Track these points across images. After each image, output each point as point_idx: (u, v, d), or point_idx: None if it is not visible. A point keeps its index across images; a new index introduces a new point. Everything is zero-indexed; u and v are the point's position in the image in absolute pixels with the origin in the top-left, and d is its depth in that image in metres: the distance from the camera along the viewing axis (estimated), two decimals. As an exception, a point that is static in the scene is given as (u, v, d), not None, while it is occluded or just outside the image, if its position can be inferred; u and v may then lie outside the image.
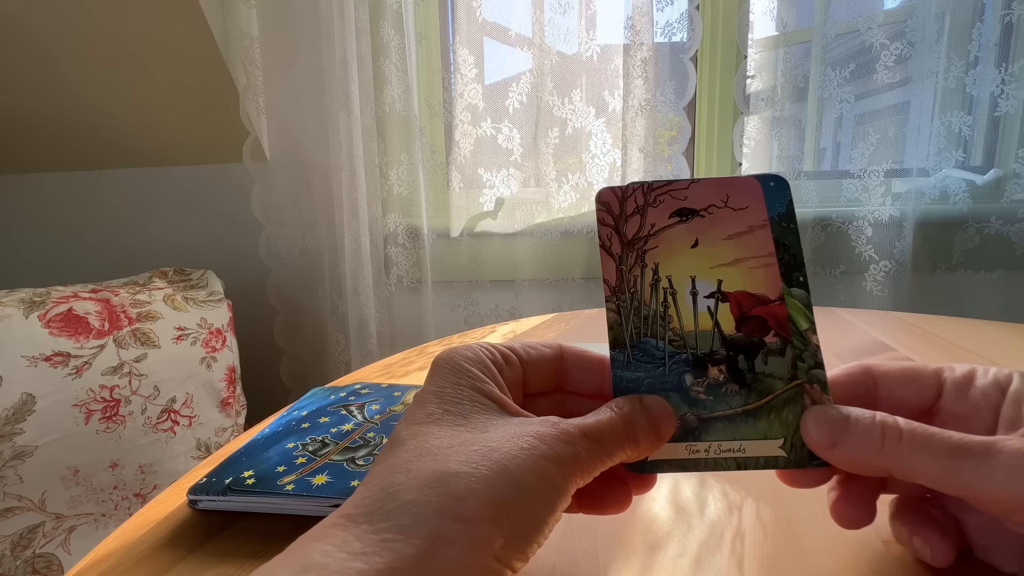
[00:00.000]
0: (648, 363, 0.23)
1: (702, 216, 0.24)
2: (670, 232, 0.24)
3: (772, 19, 0.97)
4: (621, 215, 0.24)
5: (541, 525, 0.19)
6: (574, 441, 0.20)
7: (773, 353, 0.23)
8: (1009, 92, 0.92)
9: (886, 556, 0.25)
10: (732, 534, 0.28)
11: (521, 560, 0.19)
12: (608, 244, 0.24)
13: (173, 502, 0.32)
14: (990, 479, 0.19)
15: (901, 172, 0.98)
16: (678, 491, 0.32)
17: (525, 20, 1.03)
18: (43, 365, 0.76)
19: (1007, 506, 0.19)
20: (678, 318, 0.23)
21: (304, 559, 0.17)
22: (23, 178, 1.34)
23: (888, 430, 0.21)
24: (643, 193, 0.24)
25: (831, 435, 0.21)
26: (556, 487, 0.19)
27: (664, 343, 0.23)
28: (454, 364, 0.23)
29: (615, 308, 0.24)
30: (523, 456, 0.19)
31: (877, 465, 0.21)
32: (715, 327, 0.23)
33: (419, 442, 0.20)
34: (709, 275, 0.23)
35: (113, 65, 1.11)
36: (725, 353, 0.23)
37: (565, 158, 1.05)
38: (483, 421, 0.21)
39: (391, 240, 1.12)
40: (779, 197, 0.23)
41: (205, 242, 1.26)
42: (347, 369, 1.13)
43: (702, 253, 0.23)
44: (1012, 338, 0.59)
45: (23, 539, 0.74)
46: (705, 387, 0.23)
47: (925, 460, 0.20)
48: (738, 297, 0.23)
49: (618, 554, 0.26)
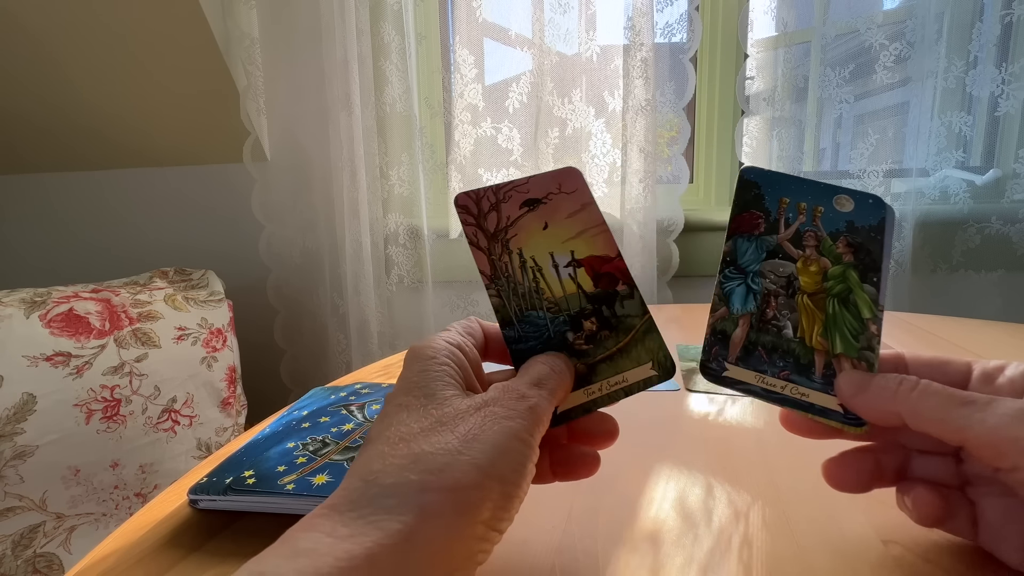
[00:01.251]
0: (535, 332, 0.27)
1: (544, 203, 0.28)
2: (523, 220, 0.27)
3: (772, 19, 0.97)
4: (480, 214, 0.28)
5: (520, 480, 0.21)
6: (525, 395, 0.23)
7: (626, 298, 0.27)
8: (1009, 92, 0.92)
9: (886, 556, 0.25)
10: (731, 534, 0.28)
11: (507, 520, 0.21)
12: (476, 240, 0.27)
13: (174, 502, 0.32)
14: (984, 422, 0.21)
15: (901, 172, 0.98)
16: (679, 492, 0.32)
17: (525, 20, 1.03)
18: (44, 365, 0.76)
19: (997, 449, 0.21)
20: (549, 289, 0.27)
21: (293, 546, 0.17)
22: (24, 178, 1.34)
23: (906, 382, 0.23)
24: (493, 192, 0.28)
25: (858, 385, 0.24)
26: (523, 440, 0.21)
27: (544, 312, 0.27)
28: (418, 356, 0.24)
29: (496, 293, 0.27)
30: (487, 422, 0.21)
31: (890, 408, 0.23)
32: (578, 289, 0.27)
33: (391, 432, 0.21)
34: (563, 249, 0.27)
35: (114, 65, 1.11)
36: (592, 307, 0.27)
37: (565, 158, 1.05)
38: (447, 401, 0.22)
39: (392, 240, 1.12)
40: (874, 214, 0.25)
41: (205, 242, 1.26)
42: (347, 369, 1.13)
43: (552, 233, 0.27)
44: (1012, 338, 0.59)
45: (24, 539, 0.74)
46: (584, 338, 0.27)
47: (931, 404, 0.22)
48: (589, 261, 0.27)
49: (618, 554, 0.26)
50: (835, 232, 0.26)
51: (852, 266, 0.26)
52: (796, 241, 0.26)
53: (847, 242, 0.26)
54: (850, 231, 0.26)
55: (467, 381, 0.25)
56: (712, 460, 0.35)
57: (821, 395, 0.26)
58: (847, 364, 0.25)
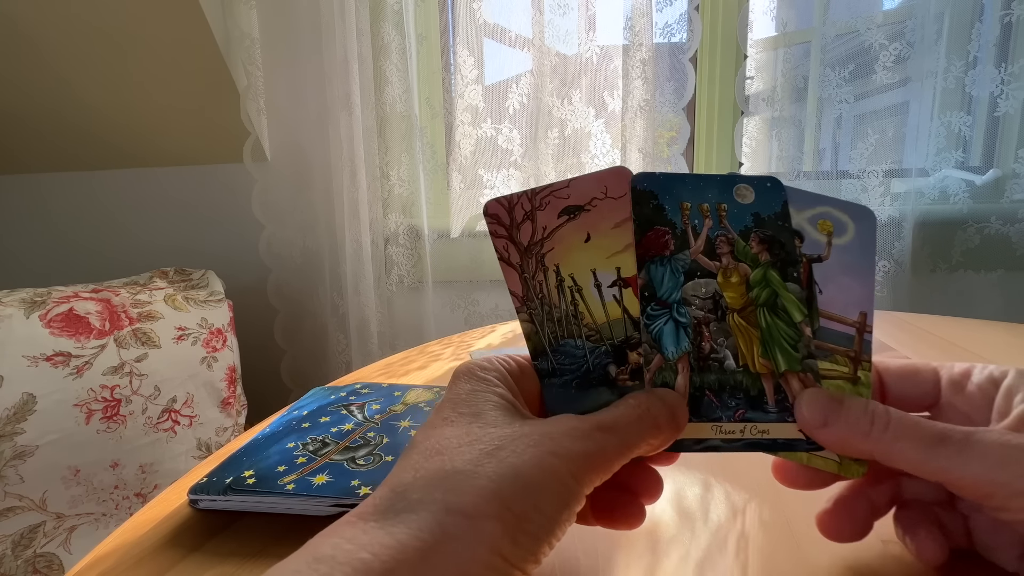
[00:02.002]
0: (572, 364, 0.24)
1: (587, 211, 0.24)
2: (562, 232, 0.24)
3: (772, 19, 0.97)
4: (512, 224, 0.24)
5: (549, 523, 0.19)
6: (586, 436, 0.20)
7: None
8: (1008, 92, 0.92)
9: (886, 556, 0.25)
10: (731, 533, 0.28)
11: (532, 561, 0.19)
12: (506, 255, 0.24)
13: (174, 502, 0.32)
14: (965, 466, 0.20)
15: (900, 172, 0.98)
16: (678, 492, 0.32)
17: (525, 21, 1.03)
18: (44, 365, 0.76)
19: (982, 491, 0.20)
20: (589, 313, 0.24)
21: (314, 551, 0.18)
22: (24, 178, 1.34)
23: (877, 416, 0.21)
24: (528, 199, 0.24)
25: (823, 415, 0.22)
26: (564, 483, 0.19)
27: (582, 340, 0.24)
28: (470, 373, 0.23)
29: (528, 317, 0.24)
30: (529, 453, 0.19)
31: (863, 448, 0.21)
32: (624, 313, 0.24)
33: (431, 443, 0.20)
34: (607, 265, 0.24)
35: (114, 66, 1.11)
36: (639, 336, 0.24)
37: (565, 159, 1.05)
38: (494, 420, 0.21)
39: (392, 240, 1.12)
40: (775, 197, 0.23)
41: (206, 242, 1.26)
42: (347, 369, 1.13)
43: (596, 245, 0.24)
44: (1012, 338, 0.59)
45: (24, 539, 0.74)
46: (629, 373, 0.24)
47: (907, 446, 0.21)
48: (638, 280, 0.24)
49: (618, 554, 0.26)
50: (744, 230, 0.23)
51: (770, 265, 0.23)
52: (709, 252, 0.23)
53: (759, 239, 0.23)
54: (758, 224, 0.23)
55: (521, 410, 0.22)
56: (711, 459, 0.35)
57: (779, 426, 0.23)
58: (795, 381, 0.23)
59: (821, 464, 0.24)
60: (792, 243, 0.23)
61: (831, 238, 0.23)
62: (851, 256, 0.23)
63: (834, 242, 0.23)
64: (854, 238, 0.23)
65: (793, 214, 0.23)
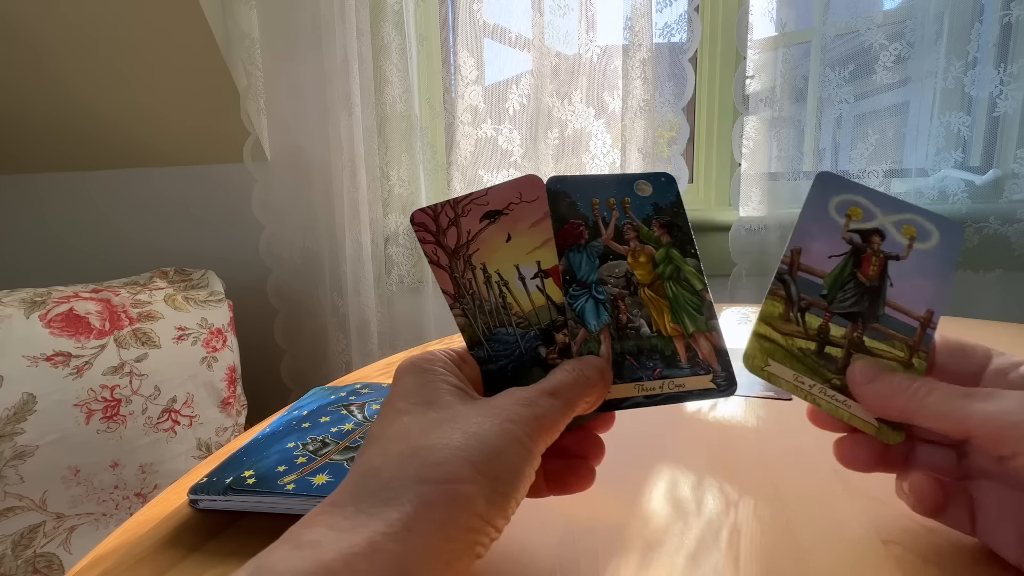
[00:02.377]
0: (505, 350, 0.27)
1: (506, 214, 0.27)
2: (484, 234, 0.27)
3: (771, 20, 0.97)
4: (438, 230, 0.27)
5: (517, 481, 0.21)
6: (533, 403, 0.23)
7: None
8: (1008, 92, 0.92)
9: (886, 556, 0.25)
10: (731, 533, 0.28)
11: (503, 518, 0.21)
12: (436, 258, 0.27)
13: (174, 502, 0.32)
14: (984, 411, 0.21)
15: (900, 172, 0.98)
16: (678, 492, 0.32)
17: (525, 22, 1.03)
18: (44, 365, 0.76)
19: (998, 436, 0.21)
20: (516, 303, 0.27)
21: (297, 541, 0.18)
22: (24, 179, 1.34)
23: (916, 382, 0.24)
24: (452, 207, 0.27)
25: (872, 373, 0.25)
26: (524, 444, 0.21)
27: (513, 328, 0.27)
28: (415, 367, 0.24)
29: (461, 312, 0.27)
30: (488, 423, 0.21)
31: (899, 404, 0.24)
32: (547, 300, 0.27)
33: (392, 431, 0.21)
34: (528, 260, 0.27)
35: (115, 66, 1.11)
36: (563, 319, 0.27)
37: (565, 159, 1.05)
38: (449, 403, 0.22)
39: (392, 240, 1.12)
40: (669, 190, 0.28)
41: (206, 242, 1.26)
42: (347, 369, 1.13)
43: (516, 244, 0.27)
44: (1012, 338, 0.59)
45: (24, 539, 0.74)
46: (558, 352, 0.27)
47: (937, 399, 0.23)
48: (557, 270, 0.27)
49: (618, 553, 0.26)
50: (647, 218, 0.28)
51: (671, 245, 0.27)
52: (619, 238, 0.27)
53: (659, 224, 0.27)
54: (657, 212, 0.28)
55: (471, 393, 0.24)
56: (711, 460, 0.35)
57: (693, 379, 0.26)
58: (702, 340, 0.27)
59: (860, 424, 0.25)
60: (687, 225, 0.28)
61: (913, 242, 0.26)
62: (931, 261, 0.26)
63: (916, 246, 0.26)
64: (937, 245, 0.26)
65: (879, 216, 0.27)
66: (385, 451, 0.21)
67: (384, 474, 0.20)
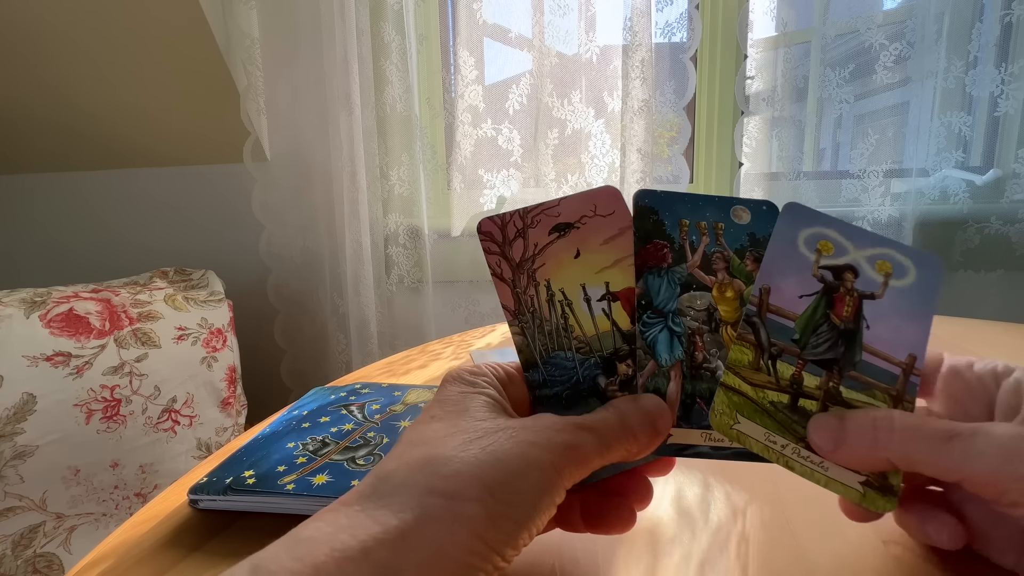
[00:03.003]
0: (562, 375, 0.25)
1: (577, 228, 0.25)
2: (552, 248, 0.25)
3: (772, 19, 0.97)
4: (505, 241, 0.25)
5: (530, 509, 0.19)
6: (565, 431, 0.21)
7: None
8: (1008, 92, 0.92)
9: (886, 556, 0.25)
10: (731, 533, 0.28)
11: (512, 547, 0.19)
12: (499, 271, 0.25)
13: (174, 502, 0.32)
14: (977, 461, 0.20)
15: (900, 172, 0.98)
16: (678, 492, 0.32)
17: (525, 21, 1.03)
18: (44, 365, 0.76)
19: (996, 488, 0.20)
20: (579, 326, 0.25)
21: (295, 535, 0.18)
22: (24, 178, 1.34)
23: (880, 423, 0.22)
24: (520, 217, 0.25)
25: (832, 438, 0.22)
26: (545, 471, 0.20)
27: (572, 353, 0.25)
28: (460, 378, 0.24)
29: (519, 331, 0.25)
30: (511, 442, 0.20)
31: (879, 458, 0.22)
32: (613, 326, 0.25)
33: (416, 436, 0.21)
34: (596, 280, 0.25)
35: (114, 66, 1.11)
36: (628, 348, 0.24)
37: (565, 159, 1.05)
38: (481, 416, 0.22)
39: (392, 240, 1.12)
40: (769, 221, 0.24)
41: (205, 242, 1.26)
42: (347, 369, 1.13)
43: (585, 261, 0.25)
44: (1012, 338, 0.59)
45: (24, 539, 0.74)
46: (619, 384, 0.24)
47: (919, 447, 0.21)
48: (626, 294, 0.25)
49: (618, 554, 0.26)
50: (740, 249, 0.24)
51: None
52: (706, 267, 0.24)
53: (754, 258, 0.24)
54: (753, 244, 0.24)
55: (508, 411, 0.23)
56: (711, 460, 0.35)
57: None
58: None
59: (841, 491, 0.23)
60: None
61: (888, 279, 0.24)
62: (908, 299, 0.24)
63: (891, 283, 0.24)
64: (914, 283, 0.24)
65: (852, 251, 0.24)
66: (402, 456, 0.20)
67: (395, 479, 0.19)
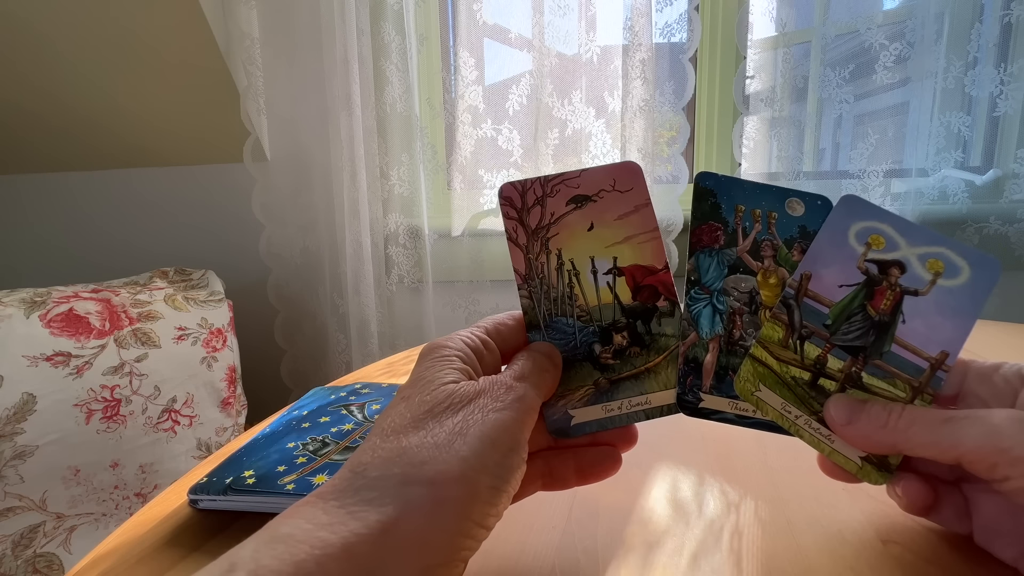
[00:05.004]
0: (561, 339, 0.26)
1: (594, 201, 0.26)
2: (568, 218, 0.26)
3: (771, 19, 0.97)
4: (523, 207, 0.26)
5: (507, 473, 0.21)
6: (511, 387, 0.23)
7: (665, 315, 0.26)
8: (1008, 92, 0.92)
9: (886, 556, 0.25)
10: (731, 534, 0.28)
11: (493, 515, 0.20)
12: (515, 236, 0.26)
13: (174, 502, 0.32)
14: (967, 438, 0.21)
15: (900, 172, 0.98)
16: (677, 491, 0.32)
17: (525, 22, 1.03)
18: (44, 365, 0.76)
19: (984, 463, 0.21)
20: (583, 296, 0.26)
21: (272, 532, 0.18)
22: (23, 178, 1.34)
23: (893, 410, 0.23)
24: (541, 185, 0.26)
25: (848, 414, 0.24)
26: (510, 431, 0.21)
27: (573, 319, 0.26)
28: (430, 351, 0.24)
29: (527, 294, 0.26)
30: (477, 415, 0.21)
31: (883, 439, 0.23)
32: (615, 299, 0.26)
33: (387, 424, 0.22)
34: (605, 254, 0.26)
35: (114, 66, 1.11)
36: (626, 321, 0.26)
37: (565, 159, 1.05)
38: (441, 387, 0.22)
39: (392, 240, 1.12)
40: (822, 215, 0.25)
41: (205, 242, 1.26)
42: (348, 369, 1.13)
43: (597, 235, 0.26)
44: (1012, 338, 0.59)
45: (24, 539, 0.74)
46: (612, 353, 0.26)
47: (920, 429, 0.22)
48: (631, 270, 0.26)
49: (618, 553, 0.26)
50: (789, 239, 0.26)
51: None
52: (755, 252, 0.26)
53: (801, 250, 0.25)
54: (803, 236, 0.25)
55: (471, 374, 0.24)
56: (711, 460, 0.35)
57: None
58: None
59: (842, 461, 0.25)
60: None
61: (937, 277, 0.24)
62: (955, 299, 0.24)
63: (940, 282, 0.24)
64: (966, 283, 0.24)
65: (903, 247, 0.25)
66: (375, 447, 0.21)
67: (371, 472, 0.19)
